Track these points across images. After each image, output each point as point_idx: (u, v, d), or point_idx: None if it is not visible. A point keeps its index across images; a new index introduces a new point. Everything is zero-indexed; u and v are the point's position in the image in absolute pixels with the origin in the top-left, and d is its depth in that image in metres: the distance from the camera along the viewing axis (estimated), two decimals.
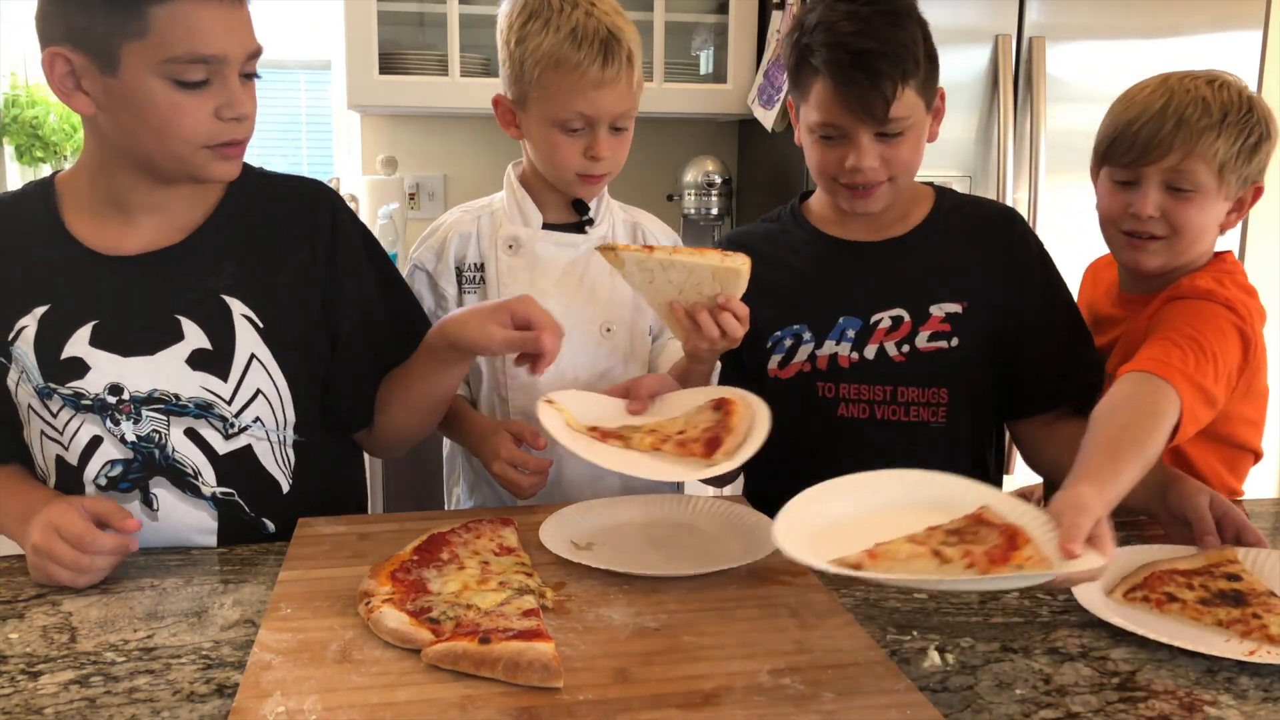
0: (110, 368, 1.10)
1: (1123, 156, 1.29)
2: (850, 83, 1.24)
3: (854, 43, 1.23)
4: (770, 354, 1.37)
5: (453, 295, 1.37)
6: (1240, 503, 1.32)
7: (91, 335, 1.10)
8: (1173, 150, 1.25)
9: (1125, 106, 1.32)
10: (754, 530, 1.10)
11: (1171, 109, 1.25)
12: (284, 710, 0.75)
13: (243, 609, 0.96)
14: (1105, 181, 1.35)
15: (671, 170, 2.90)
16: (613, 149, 1.29)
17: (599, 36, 1.22)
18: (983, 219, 1.41)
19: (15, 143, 2.71)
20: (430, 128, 2.91)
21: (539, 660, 0.79)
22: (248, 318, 1.14)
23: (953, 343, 1.34)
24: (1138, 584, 1.01)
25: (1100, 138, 1.35)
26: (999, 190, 2.38)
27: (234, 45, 1.04)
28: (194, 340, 1.12)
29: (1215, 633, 0.93)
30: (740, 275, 1.17)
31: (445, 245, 1.37)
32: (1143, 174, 1.28)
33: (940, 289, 1.35)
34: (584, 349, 1.34)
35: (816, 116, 1.29)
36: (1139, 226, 1.30)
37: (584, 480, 1.34)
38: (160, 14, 1.00)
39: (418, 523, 1.16)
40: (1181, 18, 2.43)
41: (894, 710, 0.76)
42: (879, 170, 1.29)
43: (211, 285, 1.14)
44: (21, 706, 0.78)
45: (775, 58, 2.56)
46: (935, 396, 1.35)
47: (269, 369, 1.15)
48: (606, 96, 1.25)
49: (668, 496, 1.23)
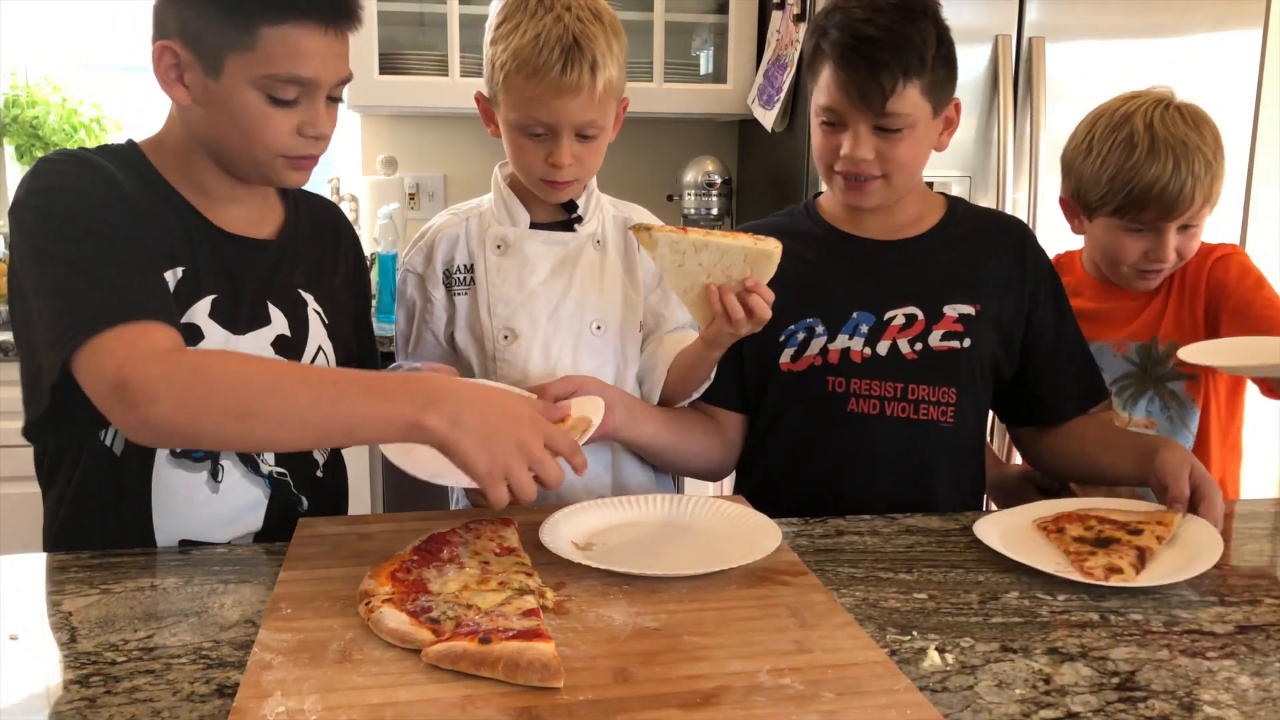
0: (219, 340, 1.15)
1: (1143, 214, 1.38)
2: (852, 68, 1.25)
3: (861, 29, 1.25)
4: (783, 347, 1.37)
5: (440, 299, 1.37)
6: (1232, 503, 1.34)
7: (211, 307, 1.15)
8: (1194, 204, 1.37)
9: (1121, 169, 1.38)
10: (754, 530, 1.10)
11: (1184, 167, 1.35)
12: (284, 710, 0.75)
13: (243, 609, 0.96)
14: (1113, 230, 1.43)
15: (671, 170, 2.90)
16: (578, 157, 1.26)
17: (562, 43, 1.19)
18: (997, 229, 1.44)
19: (15, 143, 2.71)
20: (430, 128, 2.91)
21: (539, 660, 0.79)
22: (317, 312, 1.24)
23: (965, 343, 1.34)
24: (1054, 516, 1.15)
25: (1090, 193, 1.43)
26: (999, 190, 2.38)
27: (328, 72, 1.11)
28: (279, 326, 1.20)
29: (1060, 558, 1.07)
30: (772, 258, 1.17)
31: (433, 249, 1.37)
32: (1161, 228, 1.39)
33: (954, 290, 1.36)
34: (574, 347, 1.33)
35: (821, 100, 1.31)
36: (1157, 265, 1.42)
37: (578, 483, 1.33)
38: (270, 34, 1.07)
39: (418, 523, 1.16)
40: (1181, 18, 2.43)
41: (894, 710, 0.76)
42: (873, 164, 1.29)
43: (292, 279, 1.23)
44: (22, 706, 0.78)
45: (775, 58, 2.56)
46: (945, 396, 1.35)
47: (330, 360, 1.24)
48: (567, 105, 1.22)
49: (668, 497, 1.23)
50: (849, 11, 1.28)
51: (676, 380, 1.34)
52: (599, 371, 1.34)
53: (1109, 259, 1.47)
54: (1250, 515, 1.29)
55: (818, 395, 1.35)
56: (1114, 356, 1.48)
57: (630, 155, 2.92)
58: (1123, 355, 1.48)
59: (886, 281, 1.37)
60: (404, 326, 1.41)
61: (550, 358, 1.32)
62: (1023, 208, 2.41)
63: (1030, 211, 2.40)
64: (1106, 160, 1.39)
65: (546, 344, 1.32)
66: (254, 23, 1.07)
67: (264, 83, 1.09)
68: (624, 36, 1.30)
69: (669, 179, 2.90)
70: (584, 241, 1.34)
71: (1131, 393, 1.47)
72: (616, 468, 1.36)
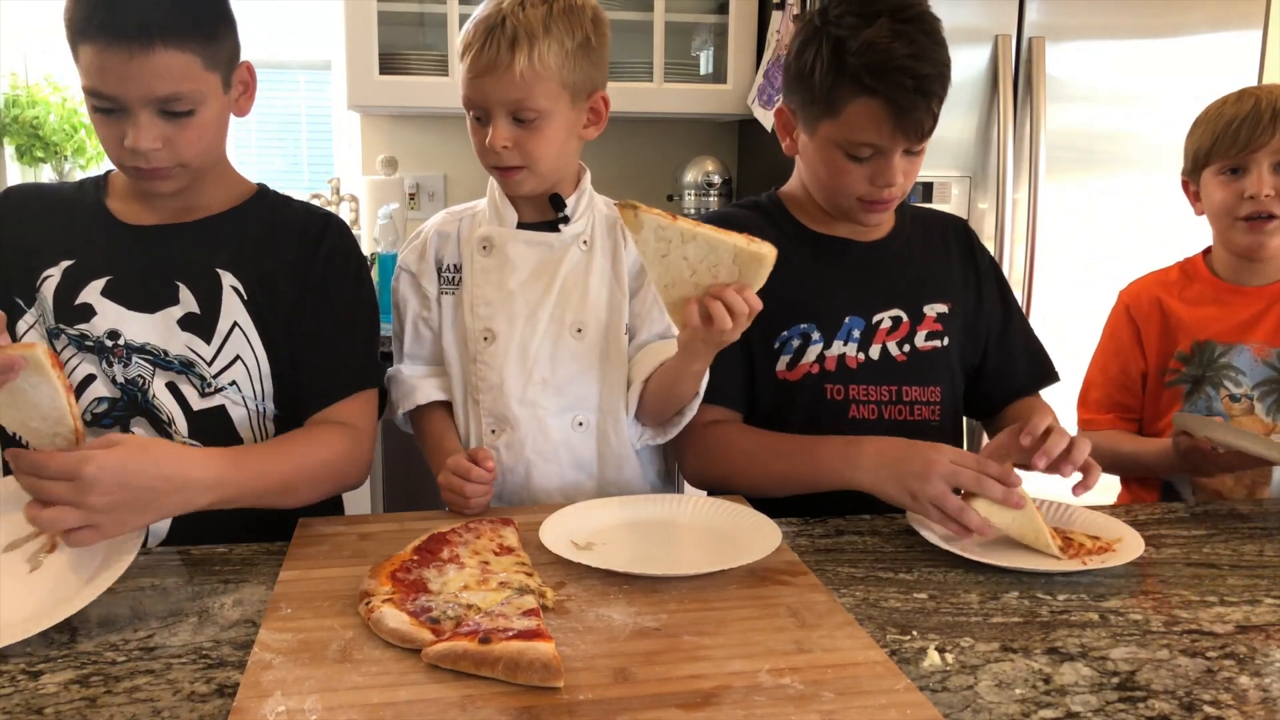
0: (114, 316, 1.21)
1: (1229, 149, 1.43)
2: (907, 106, 1.23)
3: (914, 67, 1.22)
4: (778, 354, 1.35)
5: (434, 294, 1.36)
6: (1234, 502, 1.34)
7: (104, 287, 1.21)
8: (1276, 134, 1.40)
9: (1215, 117, 1.47)
10: (754, 530, 1.10)
11: (1265, 104, 1.42)
12: (284, 710, 0.75)
13: (243, 609, 0.96)
14: (1212, 180, 1.48)
15: (671, 170, 2.90)
16: (517, 140, 1.24)
17: (487, 23, 1.21)
18: (945, 226, 1.49)
19: (15, 143, 2.71)
20: (430, 128, 2.91)
21: (539, 660, 0.79)
22: (235, 289, 1.24)
23: (944, 342, 1.38)
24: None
25: (1196, 148, 1.50)
26: (999, 190, 2.38)
27: (131, 90, 1.11)
28: (187, 304, 1.22)
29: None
30: (764, 263, 1.07)
31: (426, 245, 1.37)
32: (1251, 160, 1.43)
33: (929, 289, 1.39)
34: (553, 351, 1.31)
35: (852, 135, 1.26)
36: (1257, 207, 1.42)
37: (554, 486, 1.33)
38: (82, 53, 1.11)
39: (418, 523, 1.16)
40: (1181, 18, 2.43)
41: (894, 710, 0.76)
42: (905, 182, 1.30)
43: (209, 260, 1.24)
44: (21, 706, 0.78)
45: (775, 58, 2.56)
46: (932, 395, 1.37)
47: (250, 337, 1.24)
48: (488, 82, 1.22)
49: (668, 496, 1.23)
50: (890, 49, 1.22)
51: (657, 395, 1.29)
52: (581, 376, 1.32)
53: (1217, 218, 1.50)
54: (1250, 515, 1.29)
55: (818, 404, 1.34)
56: (1256, 361, 1.47)
57: (630, 155, 2.92)
58: (1264, 360, 1.47)
59: (872, 285, 1.37)
60: (397, 327, 1.40)
61: (528, 360, 1.30)
62: (1023, 208, 2.42)
63: (1030, 211, 2.40)
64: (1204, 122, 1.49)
65: (524, 346, 1.30)
66: (73, 43, 1.12)
67: (89, 99, 1.13)
68: (584, 29, 1.25)
69: (669, 179, 2.90)
70: (569, 242, 1.32)
71: (1275, 400, 1.46)
72: (618, 468, 1.35)
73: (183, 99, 1.13)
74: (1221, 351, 1.48)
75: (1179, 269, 1.57)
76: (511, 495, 1.33)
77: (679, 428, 1.32)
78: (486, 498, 1.20)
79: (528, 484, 1.32)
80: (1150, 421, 1.55)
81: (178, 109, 1.14)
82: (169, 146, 1.15)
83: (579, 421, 1.32)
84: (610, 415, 1.32)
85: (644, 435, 1.34)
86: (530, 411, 1.31)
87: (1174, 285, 1.55)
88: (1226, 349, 1.48)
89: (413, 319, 1.37)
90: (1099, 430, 1.54)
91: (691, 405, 1.30)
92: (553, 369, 1.31)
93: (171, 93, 1.12)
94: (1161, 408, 1.52)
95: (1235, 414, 1.46)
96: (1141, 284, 1.59)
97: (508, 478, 1.32)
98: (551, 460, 1.32)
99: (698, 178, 2.77)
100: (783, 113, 1.37)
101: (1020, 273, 2.44)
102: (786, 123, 1.37)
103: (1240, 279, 1.51)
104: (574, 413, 1.32)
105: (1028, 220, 2.41)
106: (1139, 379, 1.55)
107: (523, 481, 1.32)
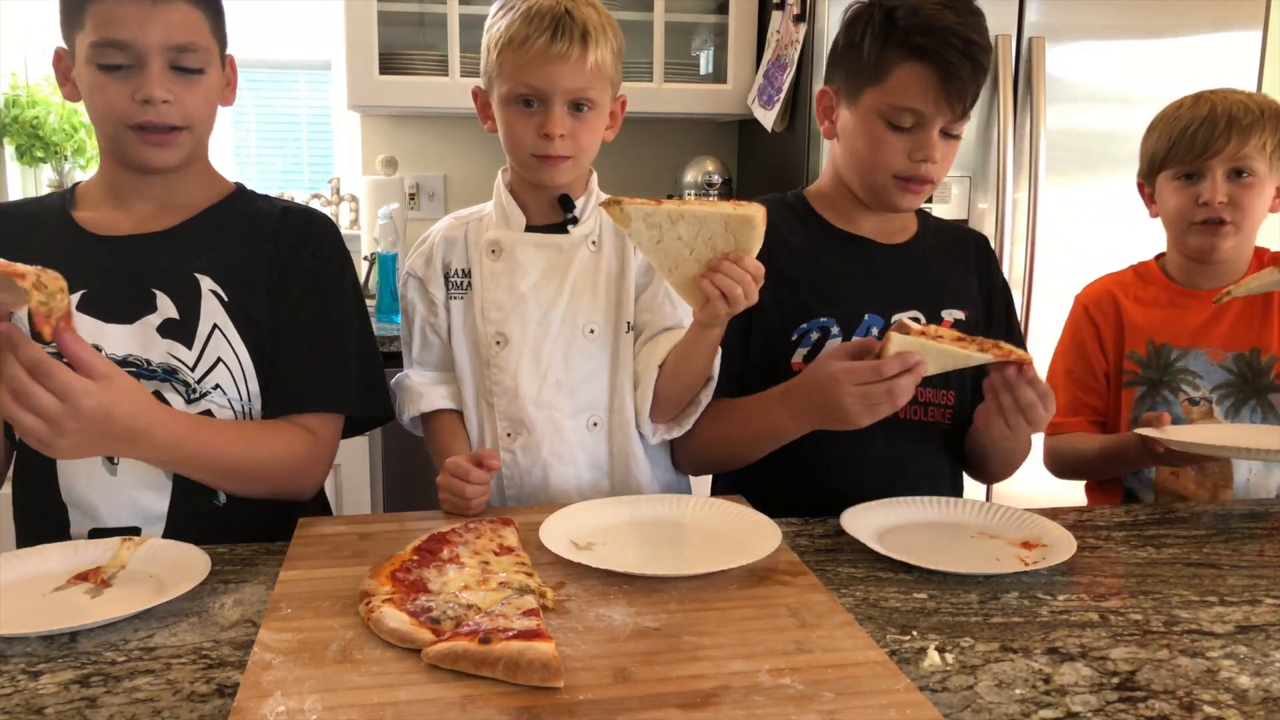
0: (92, 330, 1.19)
1: (1185, 155, 1.44)
2: (955, 72, 1.25)
3: (964, 32, 1.26)
4: (795, 346, 1.36)
5: (441, 299, 1.36)
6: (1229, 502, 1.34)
7: (79, 301, 1.19)
8: (1230, 141, 1.42)
9: (1171, 121, 1.48)
10: (754, 530, 1.10)
11: (1220, 111, 1.43)
12: (284, 710, 0.75)
13: (243, 609, 0.96)
14: (1167, 185, 1.49)
15: (671, 170, 2.90)
16: (572, 131, 1.26)
17: (552, 14, 1.23)
18: (964, 238, 1.49)
19: (15, 143, 2.71)
20: (430, 128, 2.91)
21: (539, 660, 0.79)
22: (214, 292, 1.23)
23: None
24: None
25: (1152, 152, 1.51)
26: (999, 190, 2.38)
27: (151, 35, 1.14)
28: (165, 311, 1.22)
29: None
30: (754, 224, 1.09)
31: (433, 251, 1.37)
32: (1207, 166, 1.44)
33: (947, 295, 1.40)
34: (566, 351, 1.32)
35: (896, 100, 1.28)
36: (1210, 213, 1.44)
37: (571, 487, 1.33)
38: (93, 10, 1.14)
39: (418, 523, 1.16)
40: (1181, 18, 2.43)
41: (894, 710, 0.76)
42: (939, 168, 1.31)
43: (186, 266, 1.24)
44: (22, 706, 0.78)
45: (775, 58, 2.56)
46: (945, 398, 1.38)
47: (230, 339, 1.23)
48: (556, 70, 1.23)
49: (668, 497, 1.23)
50: (939, 15, 1.26)
51: (672, 378, 1.29)
52: (593, 376, 1.33)
53: (1172, 223, 1.50)
54: (1250, 515, 1.29)
55: None
56: (1211, 365, 1.48)
57: (630, 155, 2.92)
58: (1220, 364, 1.48)
59: (893, 285, 1.38)
60: (405, 334, 1.40)
61: (541, 363, 1.31)
62: (1022, 208, 2.42)
63: (1030, 211, 2.40)
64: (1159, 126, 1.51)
65: (537, 349, 1.31)
66: (81, 4, 1.15)
67: (91, 53, 1.14)
68: (620, 36, 1.31)
69: (669, 179, 2.90)
70: (578, 243, 1.33)
71: (1233, 403, 1.47)
72: (630, 467, 1.35)
73: (196, 51, 1.17)
74: (1178, 356, 1.49)
75: (1133, 271, 1.59)
76: (529, 497, 1.33)
77: (693, 418, 1.32)
78: (485, 499, 1.20)
79: (545, 486, 1.33)
80: (1112, 424, 1.55)
81: (189, 64, 1.17)
82: (179, 103, 1.17)
83: (593, 422, 1.33)
84: (620, 414, 1.33)
85: (659, 431, 1.34)
86: (546, 414, 1.31)
87: (1129, 286, 1.56)
88: (1183, 353, 1.49)
89: (420, 325, 1.38)
90: (1065, 434, 1.54)
91: (706, 391, 1.31)
92: (566, 370, 1.32)
93: (188, 41, 1.16)
94: (1121, 408, 1.53)
95: (1194, 417, 1.47)
96: (1099, 284, 1.60)
97: (525, 480, 1.33)
98: (568, 461, 1.32)
99: (698, 178, 2.77)
100: (825, 94, 1.39)
101: (1020, 273, 2.44)
102: (827, 105, 1.39)
103: (1193, 282, 1.52)
104: (588, 413, 1.33)
105: (1028, 220, 2.41)
106: (1104, 379, 1.55)
107: (540, 483, 1.32)
